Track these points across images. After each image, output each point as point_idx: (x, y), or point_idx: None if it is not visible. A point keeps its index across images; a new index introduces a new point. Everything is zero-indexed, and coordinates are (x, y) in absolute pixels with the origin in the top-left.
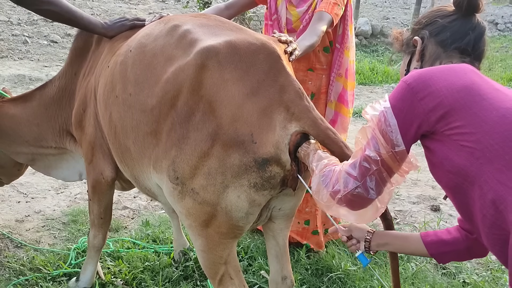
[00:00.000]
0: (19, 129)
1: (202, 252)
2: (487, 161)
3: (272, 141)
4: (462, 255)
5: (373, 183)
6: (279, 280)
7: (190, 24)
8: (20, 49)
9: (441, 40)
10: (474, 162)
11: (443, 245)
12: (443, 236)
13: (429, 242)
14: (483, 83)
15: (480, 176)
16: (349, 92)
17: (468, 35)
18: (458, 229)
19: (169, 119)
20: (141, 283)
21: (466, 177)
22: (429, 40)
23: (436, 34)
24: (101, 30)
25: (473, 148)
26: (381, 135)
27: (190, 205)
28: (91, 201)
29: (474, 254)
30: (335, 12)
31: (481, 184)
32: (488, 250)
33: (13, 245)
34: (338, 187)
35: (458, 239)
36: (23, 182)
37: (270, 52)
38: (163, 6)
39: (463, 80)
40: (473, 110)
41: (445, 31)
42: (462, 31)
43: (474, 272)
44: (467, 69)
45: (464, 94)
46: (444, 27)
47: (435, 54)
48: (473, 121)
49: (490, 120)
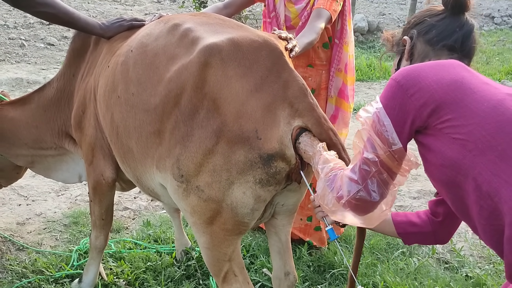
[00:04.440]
0: (18, 132)
1: (206, 250)
2: (480, 153)
3: (277, 137)
4: (427, 238)
5: (374, 185)
6: (282, 276)
7: (190, 22)
8: (17, 53)
9: (429, 38)
10: (467, 154)
11: (411, 226)
12: (412, 218)
13: (398, 222)
14: (472, 78)
15: (473, 168)
16: (349, 87)
17: (455, 32)
18: (426, 213)
19: (172, 118)
20: (144, 283)
21: (459, 170)
22: (417, 39)
23: (424, 33)
24: (99, 31)
25: (465, 140)
26: (376, 136)
27: (195, 202)
28: (92, 202)
29: (439, 238)
30: (333, 9)
31: (475, 176)
32: (450, 236)
33: (15, 248)
34: (341, 192)
35: (425, 222)
36: (23, 185)
37: (273, 48)
38: (158, 6)
39: (452, 74)
40: (464, 103)
41: (433, 30)
42: (450, 29)
43: (476, 265)
44: (455, 64)
45: (454, 88)
46: (432, 26)
47: (424, 53)
48: (464, 113)
49: (482, 112)
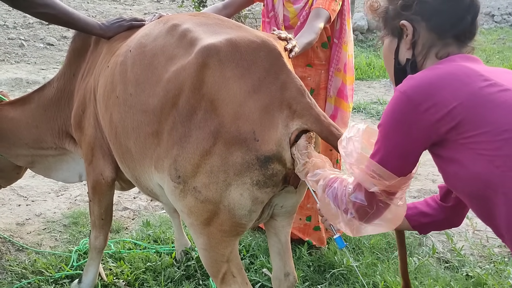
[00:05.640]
0: (18, 132)
1: (204, 251)
2: (508, 169)
3: (275, 139)
4: (442, 225)
5: (384, 203)
6: (282, 276)
7: (189, 23)
8: (16, 53)
9: (434, 26)
10: (494, 170)
11: (423, 216)
12: (423, 208)
13: (411, 215)
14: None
15: (503, 184)
16: (348, 87)
17: (464, 19)
18: (435, 199)
19: (170, 118)
20: (143, 283)
21: (488, 184)
22: (419, 25)
23: (428, 18)
24: (99, 31)
25: (492, 156)
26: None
27: (192, 203)
28: (91, 202)
29: (452, 223)
30: (332, 8)
31: (506, 191)
32: (463, 218)
33: (15, 248)
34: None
35: (437, 210)
36: (22, 185)
37: (271, 49)
38: (158, 6)
39: (468, 86)
40: (487, 119)
41: (438, 15)
42: (458, 15)
43: (477, 265)
44: (468, 70)
45: (474, 103)
46: (436, 10)
47: (429, 42)
48: (489, 130)
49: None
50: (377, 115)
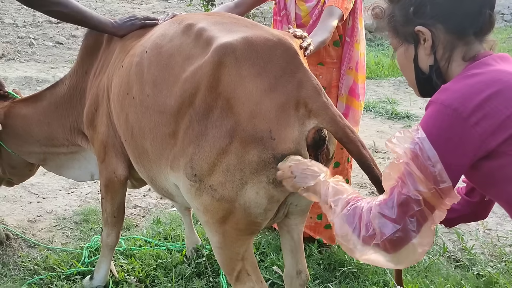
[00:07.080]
0: (30, 129)
1: (219, 249)
2: None
3: (291, 138)
4: (468, 219)
5: (414, 224)
6: (294, 274)
7: (204, 22)
8: (26, 51)
9: (453, 26)
10: None
11: (450, 212)
12: None
13: None
14: None
15: None
16: (360, 85)
17: (482, 13)
18: (460, 192)
19: (187, 117)
20: (154, 280)
21: None
22: (436, 28)
23: (444, 20)
24: (111, 30)
25: None
26: (419, 171)
27: (207, 202)
28: (104, 199)
29: (479, 216)
30: (345, 7)
31: None
32: (489, 211)
33: (27, 245)
34: (372, 231)
35: (463, 206)
36: (34, 182)
37: (287, 47)
38: (166, 5)
39: None
40: None
41: (455, 15)
42: (475, 11)
43: (488, 264)
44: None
45: None
46: (451, 10)
47: (450, 44)
48: None
49: None
50: (386, 114)
